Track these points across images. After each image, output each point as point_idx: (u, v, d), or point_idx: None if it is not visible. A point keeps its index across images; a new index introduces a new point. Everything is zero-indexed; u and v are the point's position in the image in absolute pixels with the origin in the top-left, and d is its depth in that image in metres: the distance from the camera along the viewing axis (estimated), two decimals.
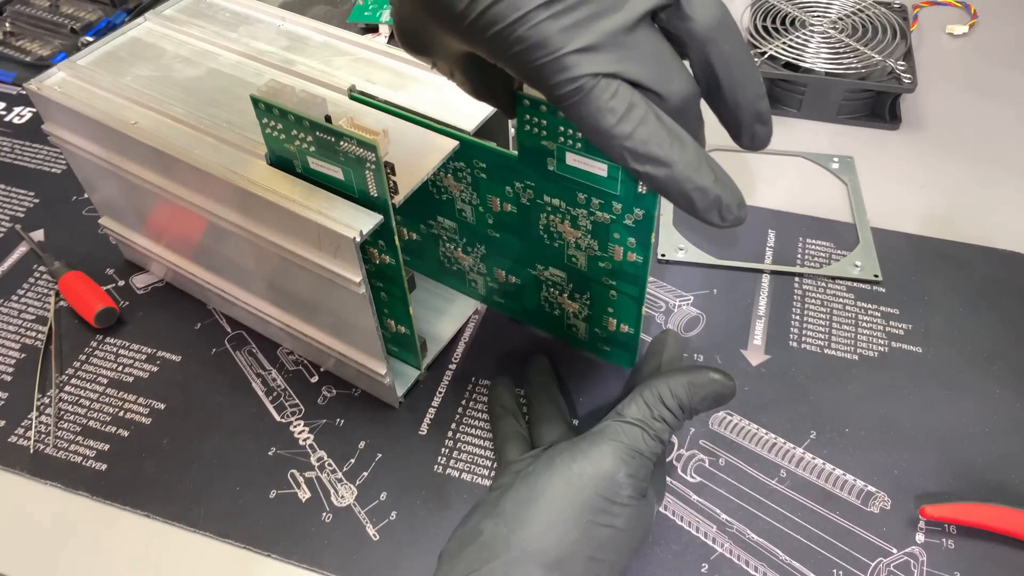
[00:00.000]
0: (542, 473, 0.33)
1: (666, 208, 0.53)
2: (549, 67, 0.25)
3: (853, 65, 0.59)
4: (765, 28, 0.62)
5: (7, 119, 0.63)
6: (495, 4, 0.25)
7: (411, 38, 0.31)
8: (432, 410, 0.44)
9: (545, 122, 0.35)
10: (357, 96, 0.41)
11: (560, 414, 0.41)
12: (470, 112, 0.40)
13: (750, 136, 0.29)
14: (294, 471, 0.41)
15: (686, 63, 0.27)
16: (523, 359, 0.46)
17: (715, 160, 0.27)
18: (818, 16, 0.63)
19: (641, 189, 0.35)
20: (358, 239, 0.34)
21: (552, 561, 0.31)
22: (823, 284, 0.50)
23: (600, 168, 0.35)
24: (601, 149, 0.27)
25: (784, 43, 0.60)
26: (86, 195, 0.55)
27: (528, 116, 0.35)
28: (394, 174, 0.34)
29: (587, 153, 0.35)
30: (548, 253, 0.41)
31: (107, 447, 0.43)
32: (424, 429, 0.43)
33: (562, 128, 0.34)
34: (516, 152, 0.37)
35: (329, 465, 0.41)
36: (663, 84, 0.26)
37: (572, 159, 0.36)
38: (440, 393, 0.45)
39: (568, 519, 0.32)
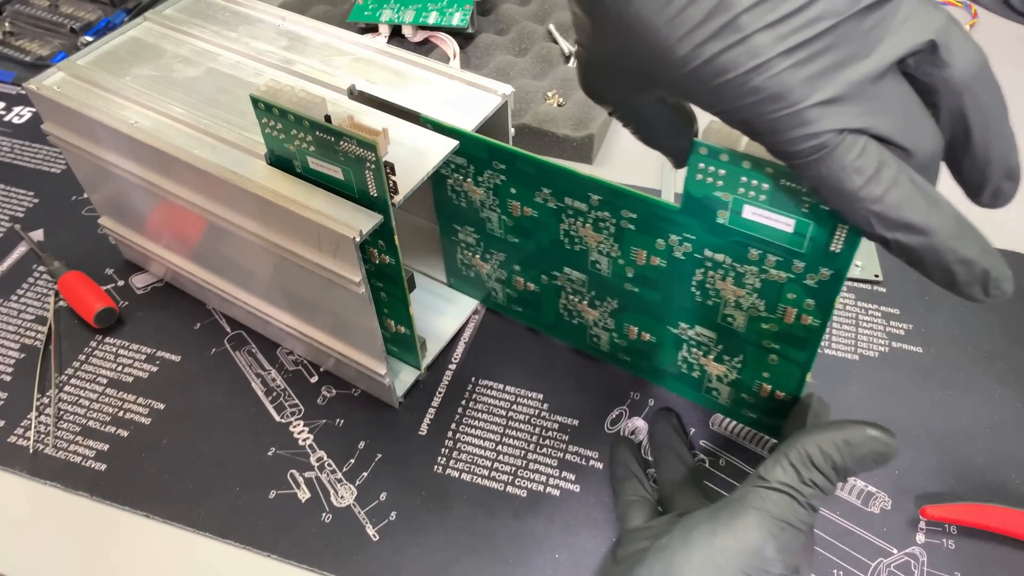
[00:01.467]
0: (678, 548, 0.30)
1: None
2: (786, 121, 0.23)
3: None
4: None
5: (7, 119, 0.63)
6: (728, 50, 0.22)
7: (598, 83, 0.29)
8: (432, 410, 0.44)
9: (724, 172, 0.31)
10: (357, 96, 0.41)
11: (692, 477, 0.38)
12: (470, 112, 0.40)
13: (993, 193, 0.26)
14: (294, 471, 0.41)
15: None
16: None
17: (974, 225, 0.24)
18: None
19: (834, 248, 0.31)
20: (358, 239, 0.34)
21: None
22: None
23: (787, 223, 0.31)
24: (841, 212, 0.24)
25: None
26: (86, 195, 0.55)
27: (703, 165, 0.32)
28: (394, 174, 0.34)
29: (772, 207, 0.31)
30: (698, 311, 0.38)
31: (107, 447, 0.43)
32: (424, 429, 0.43)
33: (744, 179, 0.31)
34: (678, 203, 0.34)
35: (329, 465, 0.41)
36: (912, 139, 0.24)
37: (751, 212, 0.32)
38: (440, 393, 0.44)
39: None
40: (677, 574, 0.29)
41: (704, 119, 0.29)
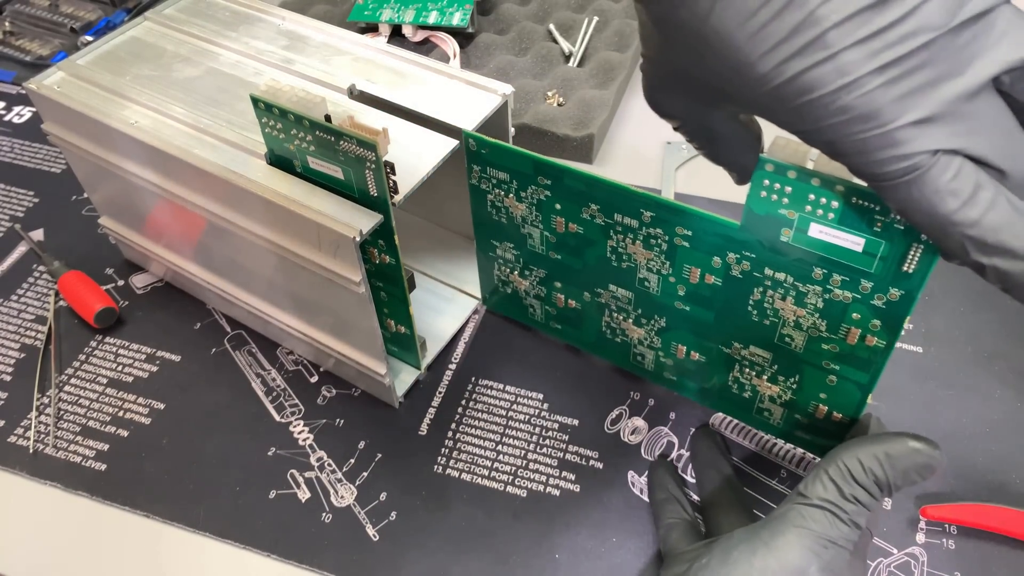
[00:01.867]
0: (718, 569, 0.29)
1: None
2: (876, 141, 0.22)
3: None
4: None
5: (7, 118, 0.63)
6: (814, 68, 0.21)
7: (665, 98, 0.28)
8: (432, 410, 0.44)
9: (790, 189, 0.30)
10: (357, 96, 0.41)
11: (736, 497, 0.37)
12: (470, 112, 0.40)
13: None
14: (294, 471, 0.41)
15: None
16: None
17: None
18: None
19: (907, 268, 0.30)
20: (358, 239, 0.34)
21: None
22: None
23: (855, 243, 0.30)
24: (931, 237, 0.24)
25: None
26: (86, 195, 0.55)
27: (767, 182, 0.30)
28: (394, 173, 0.34)
29: (842, 225, 0.30)
30: (754, 331, 0.36)
31: (107, 447, 0.43)
32: (424, 429, 0.43)
33: (812, 196, 0.30)
34: (739, 220, 0.33)
35: (329, 465, 0.41)
36: (1008, 160, 0.22)
37: (818, 231, 0.31)
38: (440, 393, 0.44)
39: None
40: None
41: (770, 133, 0.28)
